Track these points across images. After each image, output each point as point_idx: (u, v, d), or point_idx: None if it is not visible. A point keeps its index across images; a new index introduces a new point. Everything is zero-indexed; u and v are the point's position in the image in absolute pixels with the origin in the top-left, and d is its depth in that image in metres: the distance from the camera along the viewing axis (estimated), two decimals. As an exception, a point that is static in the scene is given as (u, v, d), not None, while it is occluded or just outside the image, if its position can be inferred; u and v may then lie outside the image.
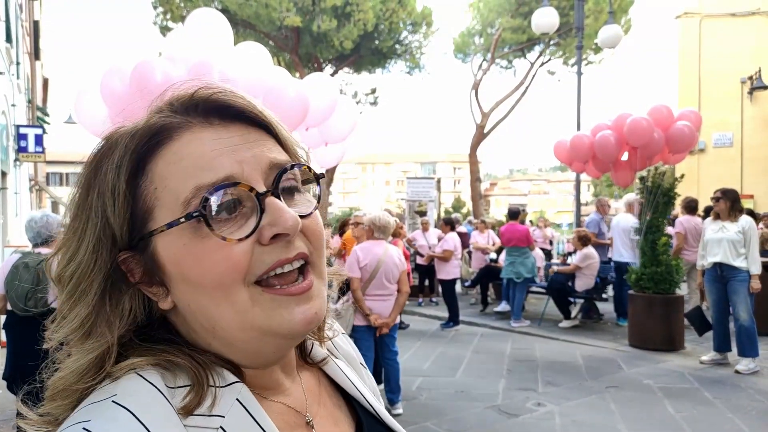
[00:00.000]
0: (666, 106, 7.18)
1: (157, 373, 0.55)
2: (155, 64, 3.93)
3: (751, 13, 16.33)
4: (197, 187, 0.55)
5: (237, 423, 0.55)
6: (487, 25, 21.10)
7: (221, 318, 0.56)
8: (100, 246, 0.56)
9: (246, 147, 0.58)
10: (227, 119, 0.60)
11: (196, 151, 0.56)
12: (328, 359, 0.73)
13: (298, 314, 0.56)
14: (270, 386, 0.63)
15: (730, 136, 16.62)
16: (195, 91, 0.60)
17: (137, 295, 0.59)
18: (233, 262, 0.54)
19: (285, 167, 0.58)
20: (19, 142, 11.65)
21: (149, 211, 0.56)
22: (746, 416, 4.68)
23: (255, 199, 0.56)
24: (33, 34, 16.54)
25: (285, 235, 0.56)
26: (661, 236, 7.05)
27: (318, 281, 0.59)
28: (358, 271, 4.81)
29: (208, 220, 0.54)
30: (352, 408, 0.72)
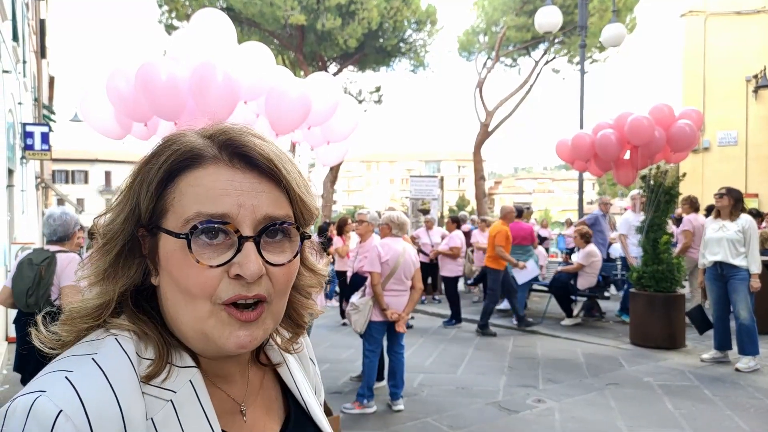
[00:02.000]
0: (667, 104, 7.19)
1: (132, 341, 0.68)
2: (159, 65, 3.99)
3: (757, 12, 16.26)
4: (198, 213, 0.67)
5: (185, 400, 0.67)
6: (491, 24, 21.09)
7: (183, 315, 0.69)
8: (128, 219, 0.70)
9: (251, 195, 0.69)
10: (248, 166, 0.70)
11: (211, 183, 0.68)
12: (283, 363, 0.85)
13: (234, 337, 0.68)
14: (221, 375, 0.75)
15: (734, 134, 16.57)
16: (231, 136, 0.71)
17: (143, 264, 0.72)
18: (201, 281, 0.66)
19: (275, 222, 0.69)
20: (25, 139, 11.74)
21: (165, 212, 0.69)
22: (746, 414, 4.71)
23: (237, 239, 0.67)
24: (39, 32, 16.64)
25: (245, 279, 0.67)
26: (663, 235, 7.07)
27: (267, 316, 0.70)
28: (379, 266, 4.90)
29: (189, 244, 0.66)
30: (288, 401, 0.83)
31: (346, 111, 5.08)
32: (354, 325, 5.04)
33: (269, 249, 0.69)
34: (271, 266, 0.69)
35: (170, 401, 0.66)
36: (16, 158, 11.33)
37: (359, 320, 4.96)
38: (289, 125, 4.46)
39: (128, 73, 4.07)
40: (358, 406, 4.89)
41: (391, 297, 4.95)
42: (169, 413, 0.65)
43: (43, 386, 0.61)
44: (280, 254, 0.70)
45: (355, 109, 5.41)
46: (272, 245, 0.70)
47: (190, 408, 0.67)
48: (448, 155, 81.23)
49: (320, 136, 5.12)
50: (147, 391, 0.65)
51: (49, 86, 21.48)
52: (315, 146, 5.38)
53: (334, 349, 7.17)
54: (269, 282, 0.69)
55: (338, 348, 7.24)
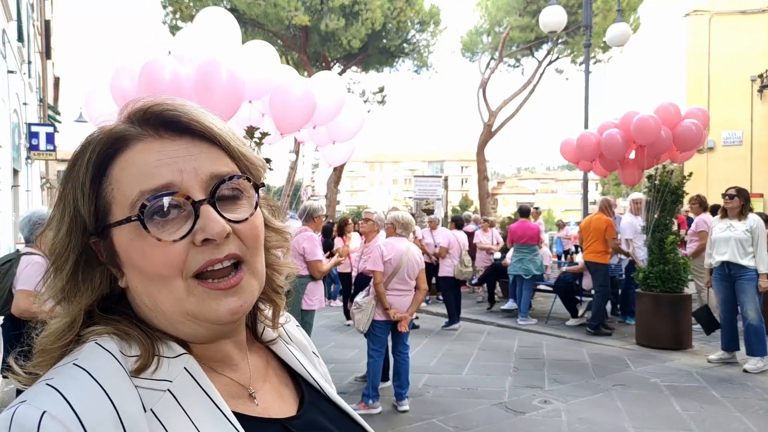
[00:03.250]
0: (673, 104, 7.15)
1: (114, 341, 0.64)
2: (164, 64, 3.98)
3: (761, 11, 16.19)
4: (141, 192, 0.63)
5: (183, 388, 0.64)
6: (494, 24, 21.05)
7: (161, 302, 0.65)
8: (71, 230, 0.66)
9: (189, 158, 0.66)
10: (176, 133, 0.67)
11: (144, 159, 0.65)
12: (277, 340, 0.82)
13: (224, 305, 0.65)
14: (218, 359, 0.71)
15: (739, 134, 16.50)
16: (149, 107, 0.68)
17: (106, 272, 0.68)
18: (169, 259, 0.63)
19: (223, 178, 0.66)
20: (30, 140, 11.76)
21: (108, 207, 0.66)
22: (754, 415, 4.67)
23: (191, 206, 0.64)
24: (44, 33, 16.69)
25: (214, 240, 0.64)
26: (669, 235, 7.03)
27: (249, 277, 0.68)
28: (381, 265, 4.89)
29: (144, 224, 0.62)
30: (300, 386, 0.80)
31: (351, 110, 5.06)
32: (357, 324, 5.02)
33: (227, 209, 0.66)
34: (235, 224, 0.66)
35: (168, 390, 0.63)
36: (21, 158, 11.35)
37: (362, 319, 4.95)
38: (294, 124, 4.44)
39: (133, 71, 4.07)
40: (363, 406, 4.87)
41: (394, 297, 4.93)
42: (169, 402, 0.62)
43: (24, 397, 0.58)
44: (239, 211, 0.67)
45: (361, 108, 5.40)
46: (229, 205, 0.67)
47: (191, 394, 0.64)
48: (452, 155, 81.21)
49: (326, 135, 5.10)
50: (139, 384, 0.61)
51: (54, 87, 21.54)
52: (320, 146, 5.37)
53: (339, 350, 7.15)
54: (238, 241, 0.66)
55: (343, 348, 7.22)
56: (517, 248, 8.95)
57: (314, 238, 5.21)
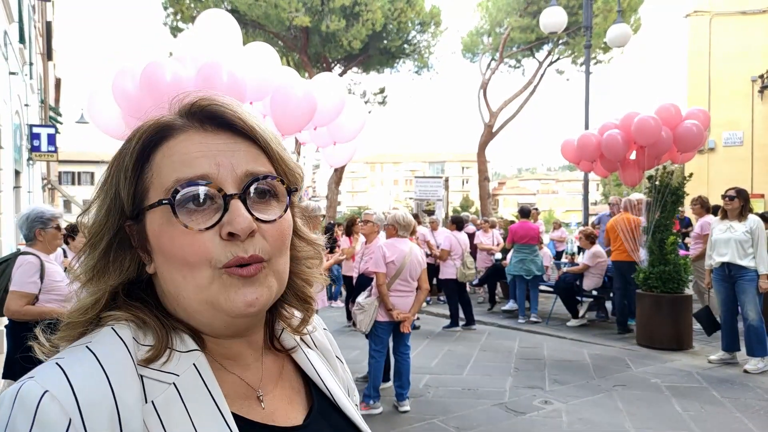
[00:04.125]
0: (674, 104, 7.15)
1: (130, 329, 0.66)
2: (165, 65, 3.99)
3: (762, 12, 16.19)
4: (177, 179, 0.65)
5: (188, 384, 0.65)
6: (495, 25, 21.06)
7: (184, 289, 0.66)
8: (110, 212, 0.69)
9: (228, 153, 0.67)
10: (220, 128, 0.69)
11: (185, 149, 0.67)
12: (297, 348, 0.82)
13: (240, 295, 0.65)
14: (231, 357, 0.72)
15: (740, 135, 16.50)
16: (196, 100, 0.70)
17: (136, 256, 0.70)
18: (196, 247, 0.64)
19: (257, 177, 0.68)
20: (32, 141, 11.79)
21: (146, 192, 0.68)
22: (754, 416, 4.67)
23: (222, 199, 0.65)
24: (46, 34, 16.71)
25: (239, 235, 0.65)
26: (669, 235, 7.03)
27: (269, 273, 0.68)
28: (384, 266, 4.89)
29: (174, 209, 0.64)
30: (313, 392, 0.80)
31: (352, 111, 5.07)
32: (359, 325, 5.03)
33: (257, 208, 0.67)
34: (263, 223, 0.67)
35: (173, 384, 0.64)
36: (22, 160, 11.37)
37: (364, 320, 4.95)
38: (295, 125, 4.45)
39: (134, 73, 4.08)
40: (364, 407, 4.88)
41: (396, 297, 4.94)
42: (172, 396, 0.63)
43: (34, 373, 0.61)
44: (269, 212, 0.68)
45: (362, 109, 5.41)
46: (260, 204, 0.68)
47: (195, 391, 0.64)
48: (452, 156, 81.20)
49: (327, 136, 5.11)
50: (146, 374, 0.63)
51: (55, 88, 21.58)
52: (322, 147, 5.38)
53: (340, 350, 7.15)
54: (263, 240, 0.67)
55: (344, 349, 7.14)
56: (518, 249, 8.96)
57: None
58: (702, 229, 7.97)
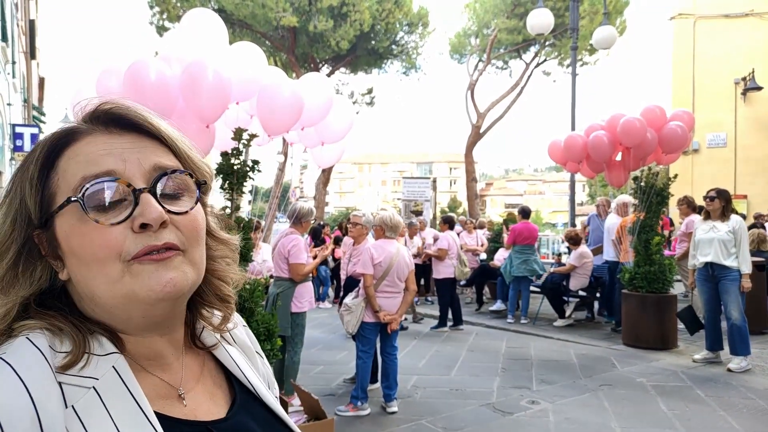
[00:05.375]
0: (659, 106, 7.23)
1: (45, 337, 0.65)
2: (149, 65, 3.95)
3: (745, 15, 16.42)
4: (83, 177, 0.66)
5: (108, 386, 0.65)
6: (482, 26, 21.16)
7: (97, 287, 0.67)
8: (15, 222, 0.68)
9: (134, 151, 0.69)
10: (125, 129, 0.71)
11: (90, 149, 0.68)
12: (218, 345, 0.83)
13: (155, 278, 0.66)
14: (151, 357, 0.72)
15: (723, 136, 16.72)
16: (98, 105, 0.71)
17: (47, 266, 0.70)
18: (106, 241, 0.65)
19: (166, 171, 0.69)
20: (15, 141, 11.64)
21: (53, 197, 0.68)
22: (738, 414, 4.73)
23: (131, 194, 0.66)
24: (29, 33, 16.50)
25: (150, 226, 0.66)
26: (655, 236, 7.10)
27: (182, 260, 0.69)
28: (371, 268, 4.88)
29: (84, 205, 0.65)
30: (235, 387, 0.81)
31: (339, 111, 5.06)
32: (346, 326, 5.02)
33: (168, 202, 0.68)
34: (174, 215, 0.68)
35: (93, 388, 0.64)
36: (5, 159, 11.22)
37: (351, 321, 4.94)
38: (282, 126, 4.43)
39: (119, 72, 4.04)
40: (351, 408, 4.86)
41: (384, 298, 4.93)
42: (93, 400, 0.63)
43: None
44: (180, 205, 0.69)
45: (349, 110, 5.39)
46: (170, 199, 0.69)
47: (116, 393, 0.64)
48: (440, 157, 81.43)
49: (314, 136, 5.09)
50: (65, 381, 0.63)
51: (39, 87, 21.31)
52: (309, 147, 5.35)
53: (328, 351, 7.14)
54: (177, 231, 0.68)
55: (331, 350, 7.21)
56: (520, 250, 8.93)
57: (300, 241, 5.18)
58: (687, 227, 8.06)
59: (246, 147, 3.86)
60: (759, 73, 15.84)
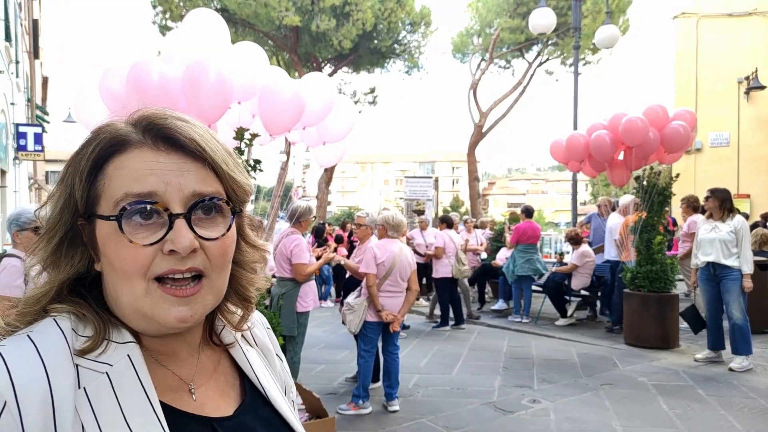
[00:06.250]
0: (661, 105, 7.21)
1: (70, 320, 0.70)
2: (152, 65, 3.97)
3: (748, 14, 16.37)
4: (125, 193, 0.69)
5: (121, 373, 0.68)
6: (485, 26, 21.13)
7: (121, 295, 0.71)
8: (64, 210, 0.72)
9: (177, 173, 0.71)
10: (173, 147, 0.72)
11: (136, 165, 0.70)
12: (235, 344, 0.85)
13: (174, 312, 0.70)
14: (165, 353, 0.76)
15: (726, 135, 16.68)
16: (154, 119, 0.73)
17: (86, 253, 0.74)
18: (136, 260, 0.68)
19: (203, 198, 0.71)
20: (18, 140, 11.67)
21: (98, 198, 0.71)
22: (739, 413, 4.73)
23: (167, 218, 0.69)
24: (32, 32, 16.55)
25: (179, 252, 0.69)
26: (656, 235, 7.10)
27: (206, 292, 0.72)
28: (374, 267, 4.90)
29: (120, 225, 0.68)
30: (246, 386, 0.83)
31: (341, 111, 5.06)
32: (348, 325, 5.03)
33: (202, 225, 0.71)
34: (205, 241, 0.71)
35: (106, 374, 0.67)
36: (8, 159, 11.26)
37: (353, 320, 4.96)
38: (283, 125, 4.44)
39: (122, 72, 4.05)
40: (353, 407, 4.88)
41: (386, 298, 4.95)
42: (104, 384, 0.67)
43: None
44: (213, 229, 0.72)
45: (351, 110, 5.39)
46: (205, 222, 0.71)
47: (127, 380, 0.68)
48: (443, 156, 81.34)
49: (316, 136, 5.10)
50: (81, 363, 0.67)
51: (42, 87, 21.37)
52: (312, 147, 5.36)
53: (329, 350, 7.16)
54: (205, 257, 0.71)
55: (333, 349, 7.22)
56: (523, 249, 8.93)
57: (302, 241, 5.19)
58: (689, 227, 8.05)
59: (248, 147, 3.88)
60: (762, 72, 15.79)
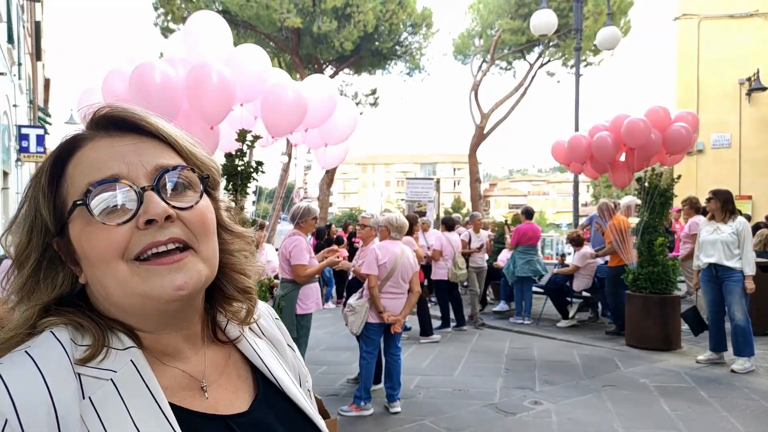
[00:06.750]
0: (663, 107, 7.21)
1: (67, 331, 0.68)
2: (154, 67, 3.98)
3: (750, 15, 16.36)
4: (88, 183, 0.68)
5: (126, 379, 0.66)
6: (486, 27, 21.14)
7: (109, 287, 0.68)
8: (32, 232, 0.71)
9: (136, 152, 0.70)
10: (125, 131, 0.72)
11: (93, 155, 0.70)
12: (242, 338, 0.83)
13: (168, 281, 0.67)
14: (169, 352, 0.74)
15: (728, 137, 16.65)
16: (97, 110, 0.73)
17: (68, 271, 0.72)
18: (111, 241, 0.66)
19: (167, 168, 0.70)
20: (20, 142, 11.70)
21: (65, 204, 0.70)
22: (741, 415, 4.72)
23: (136, 194, 0.68)
24: (34, 34, 16.59)
25: (155, 221, 0.67)
26: (658, 236, 7.10)
27: (195, 258, 0.70)
28: (376, 268, 4.91)
29: (89, 208, 0.66)
30: (259, 380, 0.81)
31: (343, 113, 5.07)
32: (350, 326, 5.04)
33: (173, 198, 0.70)
34: (180, 211, 0.69)
35: (110, 380, 0.65)
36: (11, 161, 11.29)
37: (355, 322, 4.96)
38: (286, 127, 4.45)
39: (125, 74, 4.06)
40: (355, 408, 4.88)
41: (388, 299, 4.95)
42: (110, 392, 0.65)
43: None
44: (185, 201, 0.71)
45: (353, 111, 5.40)
46: (176, 195, 0.70)
47: (133, 386, 0.66)
48: (444, 157, 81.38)
49: (318, 138, 5.11)
50: (84, 372, 0.65)
51: (44, 88, 21.43)
52: (313, 148, 5.38)
53: (331, 352, 7.16)
54: (184, 226, 0.69)
55: (335, 350, 7.23)
56: (524, 250, 8.94)
57: (301, 241, 5.19)
58: (691, 229, 8.06)
59: (250, 148, 3.89)
60: (764, 74, 15.77)
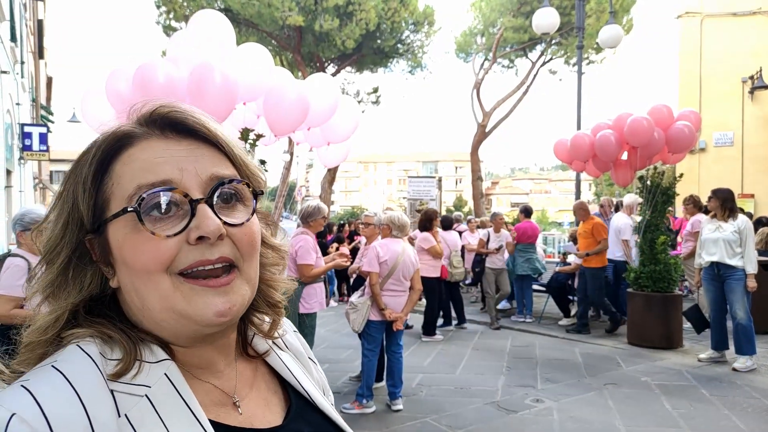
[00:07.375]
0: (666, 106, 7.21)
1: (96, 344, 0.64)
2: (157, 66, 4.00)
3: (752, 13, 16.31)
4: (138, 186, 0.64)
5: (161, 394, 0.63)
6: (488, 25, 21.11)
7: (147, 299, 0.65)
8: (67, 226, 0.67)
9: (191, 159, 0.67)
10: (181, 135, 0.69)
11: (146, 156, 0.66)
12: (270, 351, 0.81)
13: (212, 305, 0.64)
14: (202, 366, 0.71)
15: (730, 135, 16.61)
16: (156, 108, 0.69)
17: (98, 272, 0.68)
18: (158, 254, 0.63)
19: (223, 180, 0.67)
20: (23, 140, 11.73)
21: (107, 202, 0.66)
22: (743, 413, 4.73)
23: (188, 204, 0.64)
24: (37, 33, 16.62)
25: (208, 238, 0.64)
26: (660, 235, 7.10)
27: (241, 281, 0.67)
28: (377, 266, 4.93)
29: (140, 216, 0.63)
30: (290, 395, 0.79)
31: (345, 111, 5.09)
32: (352, 324, 5.05)
33: (224, 213, 0.66)
34: (230, 227, 0.66)
35: (145, 396, 0.62)
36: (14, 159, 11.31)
37: (357, 319, 4.98)
38: (288, 126, 4.46)
39: (128, 74, 4.08)
40: (357, 406, 4.90)
41: (389, 297, 4.97)
42: (146, 408, 0.61)
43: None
44: (236, 216, 0.67)
45: (355, 110, 5.41)
46: (225, 210, 0.67)
47: (169, 400, 0.62)
48: (446, 156, 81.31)
49: (320, 136, 5.13)
50: (117, 389, 0.61)
51: (47, 87, 21.47)
52: (315, 147, 5.39)
53: (333, 350, 7.18)
54: (232, 245, 0.66)
55: (337, 348, 7.25)
56: (523, 248, 8.95)
57: (308, 241, 5.17)
58: (693, 227, 8.05)
59: (252, 147, 3.90)
60: (767, 72, 15.74)
